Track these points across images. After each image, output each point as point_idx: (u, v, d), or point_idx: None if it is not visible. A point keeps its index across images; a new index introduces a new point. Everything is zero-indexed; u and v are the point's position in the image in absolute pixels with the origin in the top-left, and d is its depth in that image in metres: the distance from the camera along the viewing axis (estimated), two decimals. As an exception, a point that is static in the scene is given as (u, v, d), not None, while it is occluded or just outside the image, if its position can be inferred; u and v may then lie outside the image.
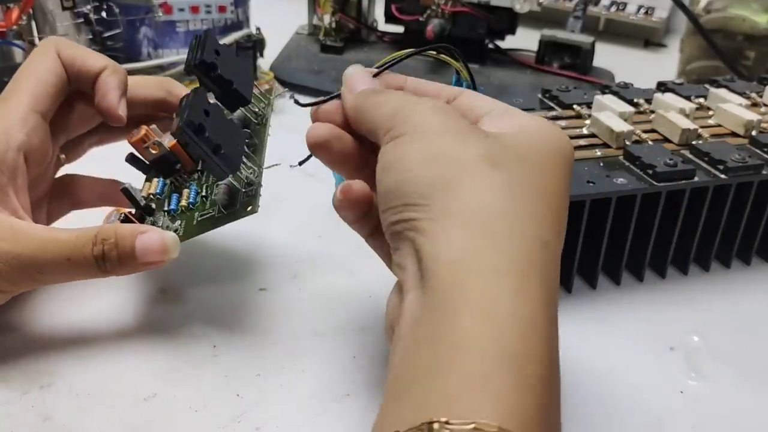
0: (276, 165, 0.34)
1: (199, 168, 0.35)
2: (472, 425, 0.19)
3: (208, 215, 0.34)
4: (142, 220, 0.34)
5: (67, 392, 0.31)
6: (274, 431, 0.30)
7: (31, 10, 0.53)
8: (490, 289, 0.22)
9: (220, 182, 0.34)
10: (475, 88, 0.37)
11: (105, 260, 0.31)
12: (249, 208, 0.32)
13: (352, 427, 0.30)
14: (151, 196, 0.35)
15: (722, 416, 0.32)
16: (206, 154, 0.32)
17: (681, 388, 0.34)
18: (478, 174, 0.24)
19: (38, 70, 0.34)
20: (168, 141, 0.34)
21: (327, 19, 0.68)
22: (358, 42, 0.70)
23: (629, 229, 0.38)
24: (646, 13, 0.87)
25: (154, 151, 0.34)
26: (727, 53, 0.64)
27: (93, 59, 0.35)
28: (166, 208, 0.34)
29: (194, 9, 0.58)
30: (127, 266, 0.31)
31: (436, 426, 0.20)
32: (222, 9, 0.59)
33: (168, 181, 0.36)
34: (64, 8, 0.53)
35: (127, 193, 0.34)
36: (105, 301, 0.37)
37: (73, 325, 0.35)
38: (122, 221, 0.34)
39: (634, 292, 0.40)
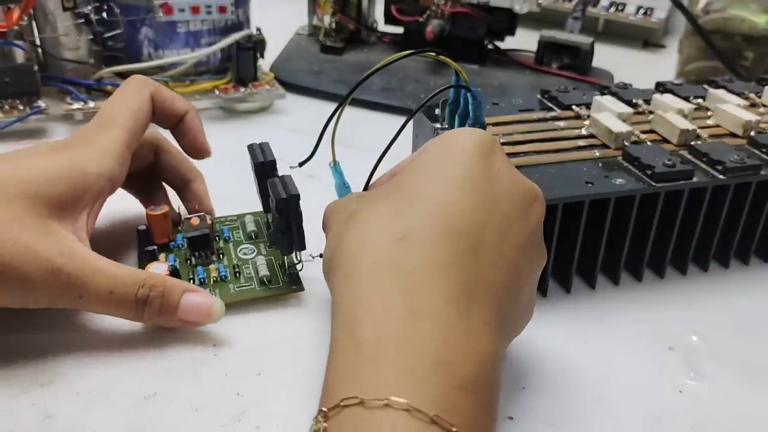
0: (313, 257, 0.38)
1: (217, 250, 0.40)
2: (385, 401, 0.21)
3: (248, 287, 0.37)
4: (176, 277, 0.36)
5: (67, 391, 0.31)
6: (275, 430, 0.30)
7: (31, 11, 0.53)
8: (351, 298, 0.26)
9: (255, 259, 0.39)
10: (469, 90, 0.37)
11: (146, 305, 0.32)
12: (295, 287, 0.38)
13: (351, 426, 0.30)
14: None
15: (721, 416, 0.32)
16: (291, 227, 0.35)
17: (680, 388, 0.34)
18: (344, 228, 0.29)
19: (135, 109, 0.37)
20: (208, 221, 0.39)
21: (327, 19, 0.68)
22: (357, 43, 0.70)
23: (628, 230, 0.38)
24: (645, 13, 0.87)
25: (194, 224, 0.38)
26: (726, 54, 0.64)
27: (179, 102, 0.40)
28: (191, 277, 0.38)
29: (195, 9, 0.58)
30: (165, 317, 0.33)
31: (350, 402, 0.22)
32: (222, 9, 0.59)
33: (177, 258, 0.39)
34: (64, 9, 0.53)
35: (150, 254, 0.38)
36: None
37: (73, 323, 0.35)
38: (170, 274, 0.35)
39: (632, 292, 0.40)
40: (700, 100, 0.48)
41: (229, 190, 0.44)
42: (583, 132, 0.43)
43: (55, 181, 0.32)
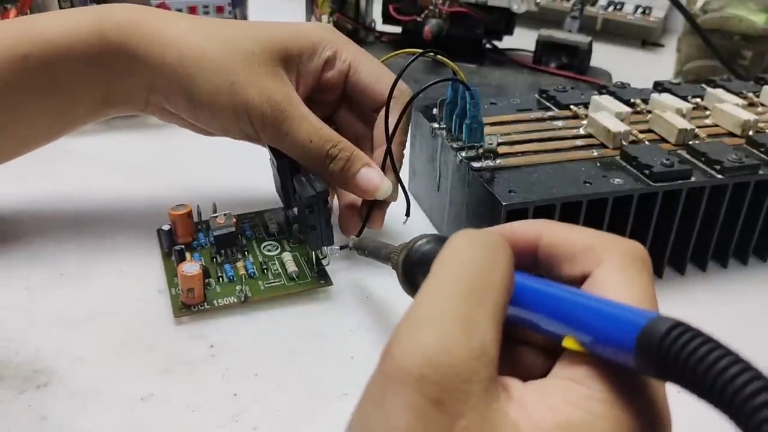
0: (345, 247, 0.39)
1: (239, 247, 0.40)
2: None
3: (278, 283, 0.38)
4: (206, 276, 0.37)
5: (63, 392, 0.31)
6: (272, 431, 0.30)
7: (28, 10, 0.53)
8: None
9: (281, 255, 0.39)
10: (467, 88, 0.37)
11: (333, 162, 0.37)
12: (323, 282, 0.38)
13: (349, 427, 0.30)
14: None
15: (719, 415, 0.32)
16: (320, 223, 0.37)
17: (678, 387, 0.34)
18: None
19: None
20: (233, 219, 0.39)
21: (325, 19, 0.68)
22: (356, 42, 0.70)
23: (626, 230, 0.38)
24: (644, 12, 0.87)
25: (220, 222, 0.39)
26: (724, 53, 0.65)
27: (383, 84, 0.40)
28: (219, 275, 0.38)
29: (192, 9, 0.58)
30: (344, 178, 0.37)
31: None
32: (220, 9, 0.59)
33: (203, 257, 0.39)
34: (61, 8, 0.53)
35: (179, 253, 0.38)
36: (102, 299, 0.37)
37: (69, 324, 0.35)
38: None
39: (631, 292, 0.40)
40: (698, 100, 0.48)
41: (245, 186, 0.44)
42: (581, 131, 0.43)
43: (292, 38, 0.39)
